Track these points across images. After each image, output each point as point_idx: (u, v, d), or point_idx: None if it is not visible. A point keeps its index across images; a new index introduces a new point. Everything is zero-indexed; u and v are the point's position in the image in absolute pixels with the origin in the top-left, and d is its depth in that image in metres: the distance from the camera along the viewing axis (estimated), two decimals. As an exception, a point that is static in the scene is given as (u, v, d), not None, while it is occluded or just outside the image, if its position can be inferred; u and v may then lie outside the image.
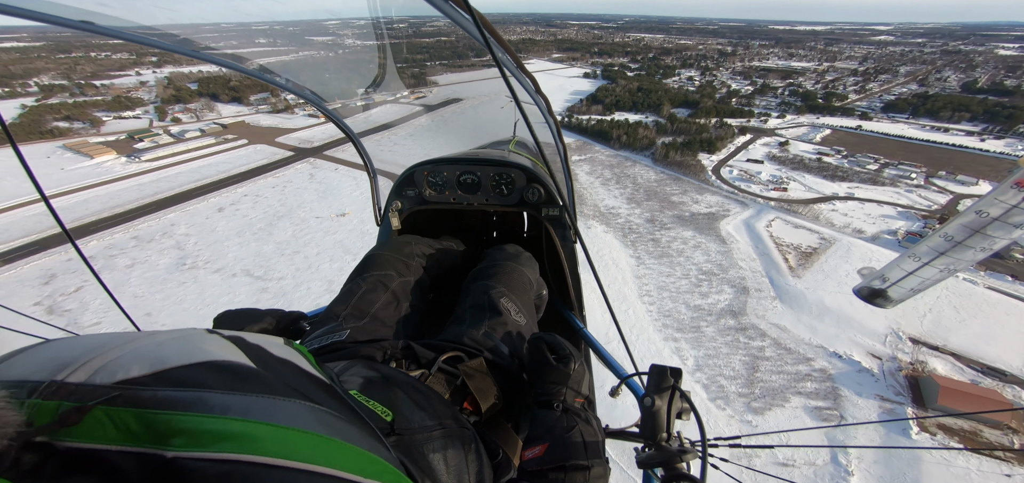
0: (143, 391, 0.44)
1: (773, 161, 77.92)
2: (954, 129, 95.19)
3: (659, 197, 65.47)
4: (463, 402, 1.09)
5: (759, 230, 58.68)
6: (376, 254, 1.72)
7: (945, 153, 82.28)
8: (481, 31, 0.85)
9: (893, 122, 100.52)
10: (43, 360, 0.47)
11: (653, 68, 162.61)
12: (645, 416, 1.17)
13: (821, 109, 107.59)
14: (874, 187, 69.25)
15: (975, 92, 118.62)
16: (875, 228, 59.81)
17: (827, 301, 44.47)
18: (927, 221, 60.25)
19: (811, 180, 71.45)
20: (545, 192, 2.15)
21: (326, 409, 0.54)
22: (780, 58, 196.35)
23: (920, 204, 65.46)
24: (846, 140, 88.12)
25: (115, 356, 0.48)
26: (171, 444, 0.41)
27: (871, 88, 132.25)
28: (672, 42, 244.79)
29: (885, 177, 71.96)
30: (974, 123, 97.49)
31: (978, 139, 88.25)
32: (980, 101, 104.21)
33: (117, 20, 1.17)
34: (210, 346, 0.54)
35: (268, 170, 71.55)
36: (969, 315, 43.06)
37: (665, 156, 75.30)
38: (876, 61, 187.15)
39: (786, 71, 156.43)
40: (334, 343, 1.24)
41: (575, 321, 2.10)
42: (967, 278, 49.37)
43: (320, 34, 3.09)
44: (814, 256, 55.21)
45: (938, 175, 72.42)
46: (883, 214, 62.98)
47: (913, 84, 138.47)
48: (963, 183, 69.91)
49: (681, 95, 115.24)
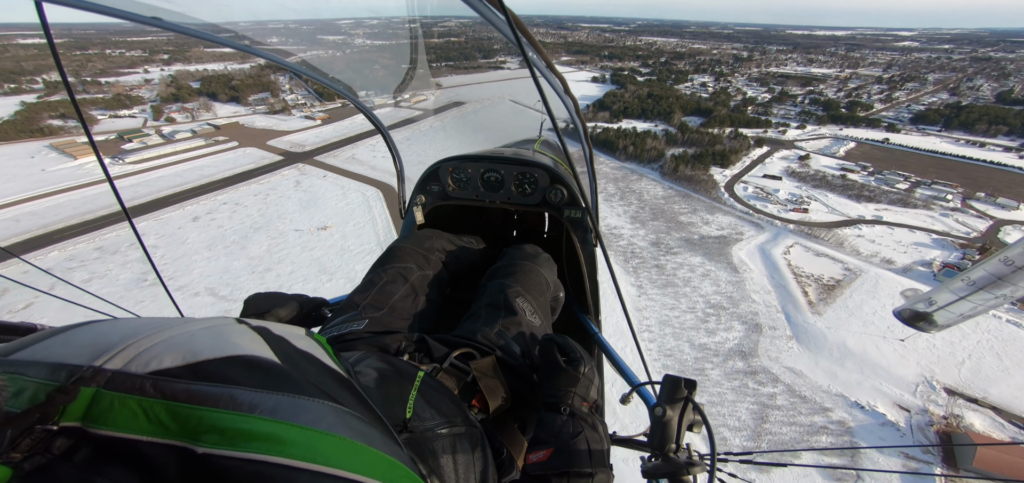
0: (176, 384, 0.45)
1: (792, 177, 71.48)
2: (991, 144, 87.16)
3: (666, 216, 59.86)
4: (472, 399, 1.09)
5: (775, 257, 52.76)
6: (398, 246, 1.74)
7: (982, 171, 74.65)
8: (514, 31, 0.85)
9: (923, 135, 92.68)
10: (82, 343, 0.47)
11: (664, 73, 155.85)
12: (655, 425, 1.16)
13: (844, 120, 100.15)
14: (905, 210, 62.40)
15: (1011, 102, 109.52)
16: (907, 258, 53.26)
17: (850, 343, 38.90)
18: (966, 251, 53.46)
19: (834, 200, 64.96)
20: (568, 194, 2.12)
21: (348, 409, 0.54)
22: (799, 64, 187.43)
23: (957, 230, 58.51)
24: (872, 155, 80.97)
25: (149, 344, 0.48)
26: (202, 440, 0.41)
27: (898, 97, 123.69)
28: (685, 46, 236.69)
29: (917, 198, 64.95)
30: (1012, 137, 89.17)
31: (1017, 156, 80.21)
32: (1017, 112, 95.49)
33: (181, 17, 1.27)
34: (240, 339, 0.55)
35: (253, 176, 67.98)
36: (1014, 363, 36.84)
37: (674, 170, 69.53)
38: (901, 68, 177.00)
39: (806, 78, 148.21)
40: (352, 332, 1.27)
41: (590, 325, 2.08)
42: (1011, 318, 42.89)
43: (356, 31, 3.02)
44: (837, 290, 49.22)
45: (976, 196, 65.12)
46: (915, 242, 56.28)
47: (943, 93, 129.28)
48: (1004, 207, 62.59)
49: (693, 102, 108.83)
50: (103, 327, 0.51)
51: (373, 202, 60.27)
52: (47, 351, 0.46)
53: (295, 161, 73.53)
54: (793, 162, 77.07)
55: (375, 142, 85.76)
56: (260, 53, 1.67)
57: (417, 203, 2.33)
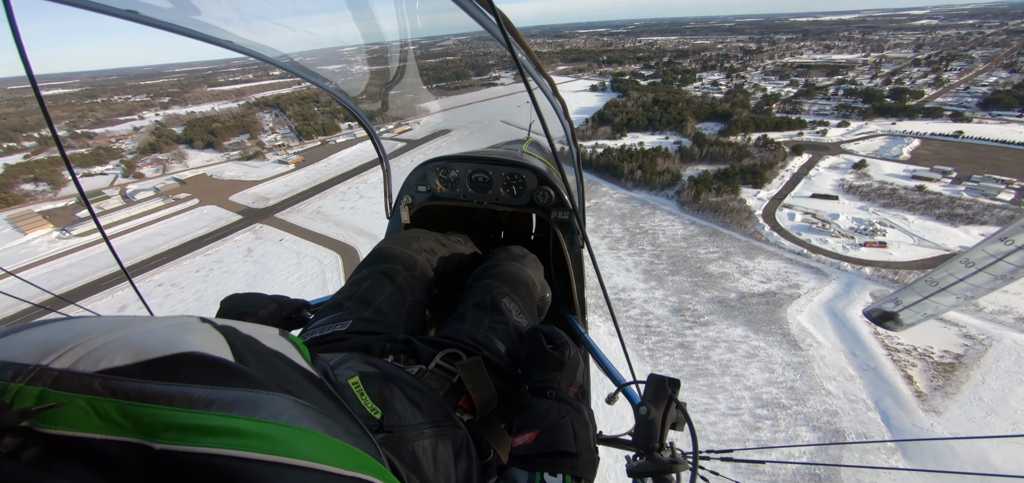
0: (126, 382, 0.43)
1: (851, 194, 54.19)
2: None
3: (690, 266, 44.14)
4: (459, 400, 1.06)
5: (853, 322, 36.38)
6: (384, 247, 1.69)
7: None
8: (504, 33, 0.84)
9: (1003, 123, 73.00)
10: (31, 343, 0.45)
11: (670, 74, 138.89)
12: (639, 424, 1.15)
13: (893, 111, 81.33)
14: (1023, 232, 44.16)
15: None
16: (1057, 312, 35.47)
17: (997, 459, 24.91)
18: None
19: (918, 224, 47.47)
20: (555, 195, 2.10)
21: (309, 404, 0.52)
22: (816, 51, 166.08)
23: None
24: (948, 154, 62.47)
25: (102, 343, 0.46)
26: (159, 437, 0.40)
27: (949, 80, 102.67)
28: (687, 43, 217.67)
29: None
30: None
31: None
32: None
33: (159, 10, 1.19)
34: (196, 337, 0.52)
35: (203, 244, 56.68)
36: None
37: (695, 197, 53.61)
38: (935, 47, 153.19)
39: (829, 66, 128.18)
40: (335, 333, 1.23)
41: (577, 326, 2.06)
42: None
43: (349, 38, 2.36)
44: (959, 370, 32.79)
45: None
46: (1059, 283, 38.12)
47: (1001, 71, 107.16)
48: None
49: (707, 105, 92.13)
50: (57, 326, 0.49)
51: (330, 273, 47.86)
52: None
53: (254, 220, 62.01)
54: (847, 172, 59.67)
55: (345, 190, 74.02)
56: (240, 48, 1.55)
57: (404, 203, 2.26)
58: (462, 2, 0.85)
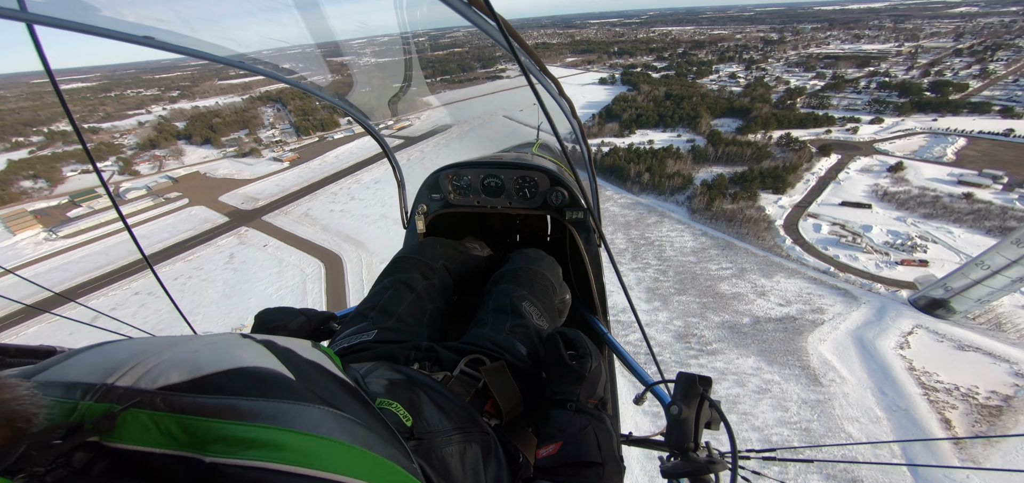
0: (183, 398, 0.46)
1: (886, 202, 48.09)
2: None
3: (699, 284, 39.38)
4: (485, 405, 1.08)
5: (884, 353, 32.03)
6: (402, 256, 1.74)
7: None
8: (506, 36, 0.85)
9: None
10: (95, 363, 0.49)
11: (684, 66, 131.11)
12: (671, 424, 1.12)
13: (933, 105, 73.45)
14: (1096, 252, 37.84)
15: None
16: None
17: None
18: None
19: (964, 238, 41.50)
20: (569, 195, 2.09)
21: (348, 415, 0.54)
22: (844, 41, 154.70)
23: None
24: (998, 155, 55.28)
25: (157, 362, 0.49)
26: (209, 450, 0.42)
27: (996, 71, 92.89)
28: (704, 33, 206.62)
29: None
30: None
31: None
32: None
33: (174, 36, 1.28)
34: (242, 352, 0.55)
35: (185, 249, 54.56)
36: None
37: (708, 204, 48.44)
38: (978, 36, 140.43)
39: (860, 57, 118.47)
40: (362, 343, 1.26)
41: (599, 326, 2.06)
42: None
43: (352, 50, 2.66)
44: (1007, 414, 28.45)
45: None
46: None
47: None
48: None
49: (723, 100, 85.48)
50: (114, 347, 0.52)
51: (311, 283, 45.06)
52: (63, 372, 0.48)
53: (241, 222, 59.59)
54: (881, 175, 53.30)
55: (337, 190, 71.07)
56: (254, 69, 1.61)
57: (419, 212, 2.29)
58: (462, 9, 0.84)
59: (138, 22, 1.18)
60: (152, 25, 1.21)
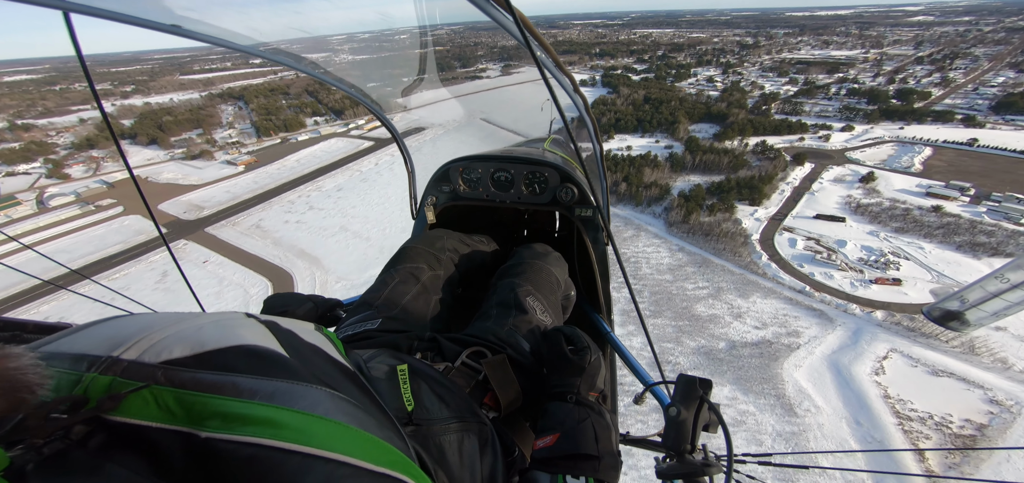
0: (183, 373, 0.46)
1: (860, 214, 47.32)
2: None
3: (675, 306, 37.05)
4: (484, 397, 1.07)
5: (860, 379, 31.00)
6: (409, 247, 1.72)
7: None
8: (522, 31, 0.84)
9: (1017, 129, 66.68)
10: (102, 336, 0.49)
11: (663, 69, 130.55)
12: (669, 425, 1.12)
13: (900, 113, 74.52)
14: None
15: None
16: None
17: None
18: None
19: (935, 254, 40.87)
20: (578, 192, 2.07)
21: (345, 397, 0.54)
22: (814, 47, 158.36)
23: None
24: (964, 166, 55.82)
25: (162, 336, 0.50)
26: (206, 425, 0.42)
27: (955, 79, 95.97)
28: (683, 36, 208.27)
29: (1069, 243, 40.49)
30: None
31: None
32: None
33: (203, 25, 1.28)
34: (244, 331, 0.55)
35: (112, 265, 48.11)
36: None
37: (685, 217, 46.31)
38: (936, 44, 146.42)
39: (830, 63, 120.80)
40: (366, 331, 1.26)
41: (602, 324, 2.03)
42: None
43: (369, 40, 2.84)
44: (981, 442, 27.51)
45: None
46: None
47: (1008, 71, 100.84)
48: None
49: (701, 105, 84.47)
50: (122, 321, 0.53)
51: (256, 307, 39.48)
52: (71, 344, 0.48)
53: (181, 235, 53.34)
54: (853, 186, 52.76)
55: (294, 199, 65.27)
56: (278, 60, 1.64)
57: (429, 203, 2.30)
58: (479, 2, 0.83)
59: (168, 9, 1.18)
60: (181, 13, 1.21)
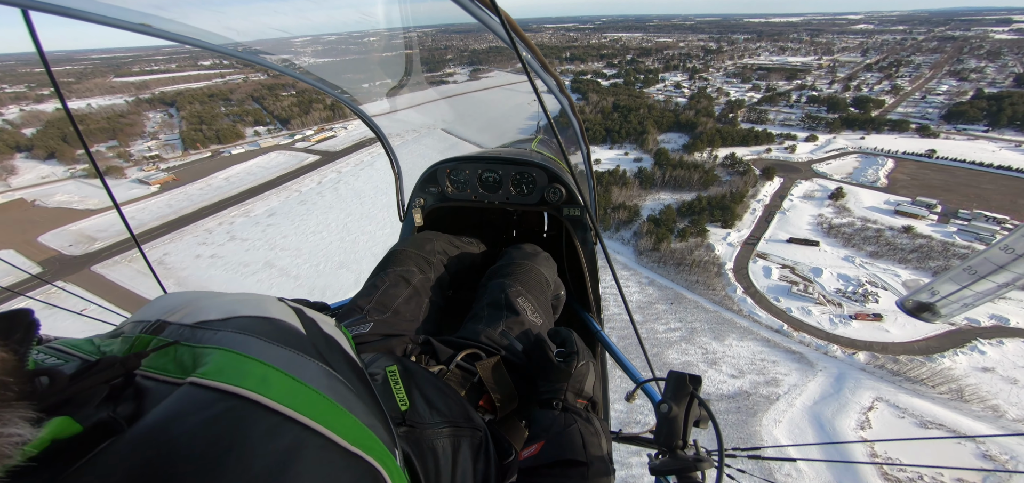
0: (206, 331, 0.50)
1: (833, 237, 44.28)
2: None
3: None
4: (479, 400, 1.06)
5: (844, 435, 27.34)
6: (398, 250, 1.68)
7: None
8: (508, 32, 0.83)
9: (970, 139, 67.36)
10: (163, 306, 0.56)
11: (632, 74, 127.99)
12: (661, 422, 1.11)
13: (859, 122, 74.27)
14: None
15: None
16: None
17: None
18: None
19: (911, 279, 38.10)
20: (566, 192, 2.06)
21: (342, 379, 0.55)
22: (771, 53, 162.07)
23: None
24: (926, 179, 54.77)
25: (203, 305, 0.54)
26: (199, 372, 0.43)
27: (903, 87, 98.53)
28: (651, 41, 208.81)
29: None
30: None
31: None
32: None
33: (175, 24, 1.23)
34: (273, 308, 0.59)
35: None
36: None
37: (655, 244, 41.43)
38: (879, 51, 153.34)
39: (787, 69, 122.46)
40: (357, 335, 1.23)
41: (592, 323, 2.01)
42: None
43: (352, 41, 2.79)
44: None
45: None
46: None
47: (949, 79, 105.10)
48: None
49: (670, 112, 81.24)
50: (182, 295, 0.60)
51: None
52: (147, 311, 0.56)
53: (59, 274, 42.70)
54: (823, 203, 50.07)
55: (213, 226, 55.25)
56: (254, 60, 1.59)
57: (416, 205, 2.27)
58: (464, 2, 0.81)
59: (136, 9, 1.13)
60: (150, 12, 1.16)
